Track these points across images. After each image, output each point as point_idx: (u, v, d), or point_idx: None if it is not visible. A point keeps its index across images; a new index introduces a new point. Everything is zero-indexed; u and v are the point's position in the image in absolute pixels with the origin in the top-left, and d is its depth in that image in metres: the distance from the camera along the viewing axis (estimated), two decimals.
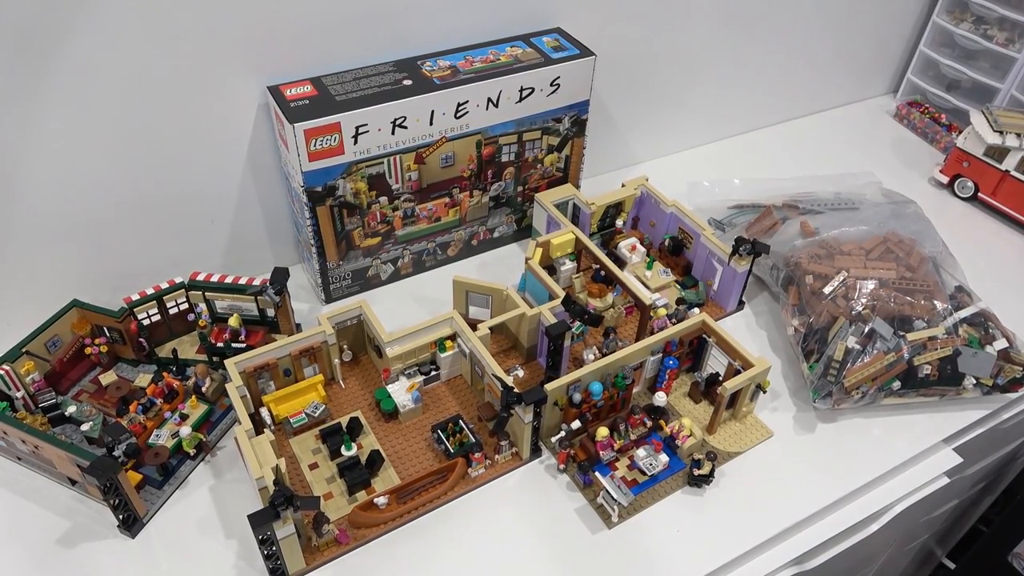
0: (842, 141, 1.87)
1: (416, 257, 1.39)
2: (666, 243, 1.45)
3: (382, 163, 1.22)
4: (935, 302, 1.19)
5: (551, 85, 1.30)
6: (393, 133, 1.20)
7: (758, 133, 1.87)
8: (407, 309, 1.35)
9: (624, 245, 1.43)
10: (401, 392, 1.15)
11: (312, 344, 1.14)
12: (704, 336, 1.20)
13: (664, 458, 1.09)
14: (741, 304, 1.38)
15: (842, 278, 1.22)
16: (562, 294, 1.21)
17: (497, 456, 1.10)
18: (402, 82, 1.21)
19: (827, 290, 1.22)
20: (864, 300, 1.19)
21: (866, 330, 1.16)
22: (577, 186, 1.50)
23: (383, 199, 1.27)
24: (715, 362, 1.20)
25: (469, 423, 1.14)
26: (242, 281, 1.21)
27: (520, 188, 1.42)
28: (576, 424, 1.10)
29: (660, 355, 1.18)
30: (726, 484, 1.11)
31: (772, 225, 1.38)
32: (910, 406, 1.22)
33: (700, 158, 1.77)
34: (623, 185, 1.45)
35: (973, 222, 1.64)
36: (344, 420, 1.13)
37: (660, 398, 1.14)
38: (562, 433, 1.09)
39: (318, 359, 1.16)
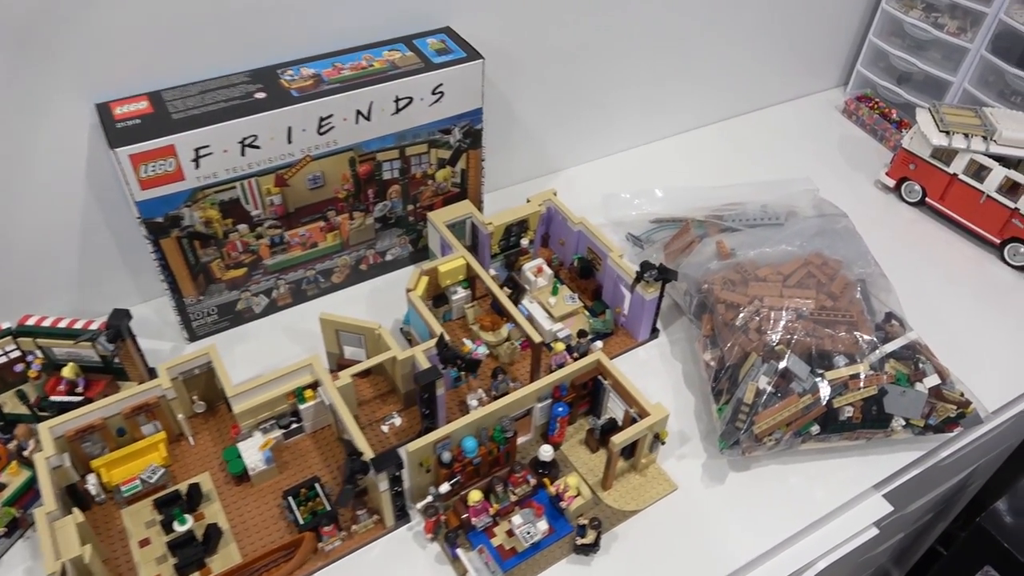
0: (786, 140, 1.72)
1: (294, 287, 1.25)
2: (575, 264, 1.31)
3: (235, 188, 1.08)
4: (859, 334, 1.06)
5: (433, 93, 1.15)
6: (243, 154, 1.05)
7: (693, 134, 1.73)
8: (282, 346, 1.21)
9: (529, 268, 1.29)
10: (253, 450, 1.01)
11: (146, 400, 1.00)
12: (600, 378, 1.06)
13: (543, 526, 0.95)
14: (655, 332, 1.24)
15: (755, 308, 1.08)
16: (440, 330, 1.08)
17: (355, 527, 0.96)
18: (254, 95, 1.06)
19: (738, 322, 1.08)
20: (779, 334, 1.05)
21: (780, 368, 1.03)
22: (479, 202, 1.36)
23: (242, 227, 1.12)
24: (615, 406, 1.06)
25: (327, 486, 1.00)
26: (79, 325, 1.07)
27: (411, 207, 1.28)
28: (445, 487, 0.96)
29: (548, 402, 1.04)
30: (621, 549, 0.98)
31: (690, 244, 1.24)
32: (834, 451, 1.09)
33: (628, 164, 1.62)
34: (528, 200, 1.31)
35: (920, 229, 1.50)
36: (185, 486, 0.99)
37: (546, 451, 1.01)
38: (428, 498, 0.96)
39: (158, 416, 1.02)
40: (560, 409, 1.03)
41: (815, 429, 1.03)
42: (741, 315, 1.09)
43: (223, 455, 1.03)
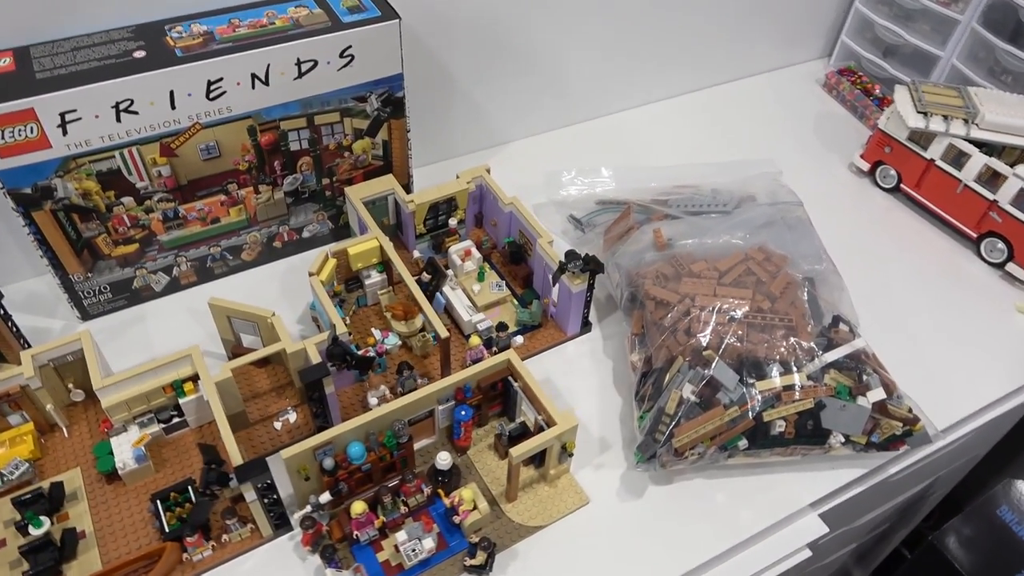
0: (759, 116, 1.60)
1: (198, 264, 1.15)
2: (506, 248, 1.21)
3: (114, 157, 0.97)
4: (797, 340, 0.95)
5: (341, 56, 1.04)
6: (119, 120, 0.94)
7: (658, 107, 1.60)
8: (184, 329, 1.12)
9: (456, 250, 1.18)
10: (126, 447, 0.93)
11: (6, 390, 0.91)
12: (510, 380, 0.97)
13: (429, 543, 0.87)
14: (587, 326, 1.14)
15: (685, 308, 0.98)
16: (338, 322, 0.98)
17: (226, 536, 0.88)
18: (132, 54, 0.95)
19: (667, 321, 0.98)
20: (708, 337, 0.95)
21: (707, 375, 0.93)
22: (406, 177, 1.25)
23: (127, 200, 1.02)
24: (528, 410, 0.97)
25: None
26: None
27: (328, 180, 1.17)
28: (325, 497, 0.87)
29: (451, 403, 0.95)
30: (520, 569, 0.89)
31: (629, 230, 1.14)
32: (765, 466, 0.99)
33: (581, 139, 1.50)
34: (457, 177, 1.20)
35: (893, 218, 1.39)
36: (48, 485, 0.91)
37: (443, 459, 0.92)
38: (307, 508, 0.87)
39: (23, 405, 0.94)
40: (463, 413, 0.94)
41: (743, 443, 0.94)
42: (670, 314, 0.99)
43: (93, 451, 0.94)
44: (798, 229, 1.10)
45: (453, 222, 1.21)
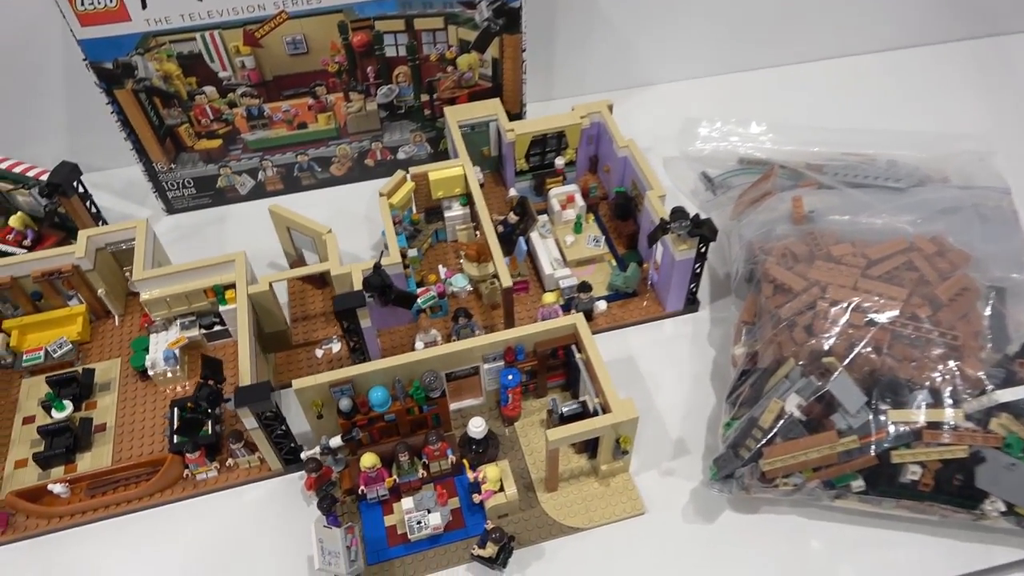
0: (971, 83, 1.27)
1: (285, 172, 1.08)
2: (614, 200, 1.03)
3: (194, 39, 0.91)
4: (960, 366, 0.71)
5: None
6: None
7: (844, 62, 1.32)
8: (262, 235, 1.03)
9: (557, 194, 1.03)
10: (162, 346, 0.88)
11: (58, 267, 0.89)
12: (574, 349, 0.80)
13: (436, 520, 0.74)
14: (694, 303, 0.95)
15: (811, 298, 0.76)
16: (394, 249, 0.86)
17: (232, 460, 0.80)
18: None
19: (785, 312, 0.77)
20: (833, 340, 0.73)
21: (821, 388, 0.72)
22: (518, 106, 1.10)
23: (209, 89, 0.96)
24: (591, 392, 0.81)
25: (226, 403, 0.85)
26: (31, 173, 0.97)
27: (427, 97, 1.05)
28: (336, 441, 0.77)
29: (499, 364, 0.81)
30: (541, 573, 0.75)
31: (764, 195, 0.92)
32: (888, 520, 0.76)
33: (732, 89, 1.26)
34: (572, 109, 1.03)
35: None
36: (81, 370, 0.88)
37: (476, 426, 0.78)
38: (316, 449, 0.77)
39: (76, 286, 0.91)
40: (510, 378, 0.79)
41: (858, 484, 0.72)
42: (790, 304, 0.77)
43: (131, 344, 0.90)
44: (996, 223, 0.83)
45: (560, 162, 1.05)
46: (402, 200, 0.94)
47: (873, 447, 0.69)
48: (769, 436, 0.72)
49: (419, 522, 0.73)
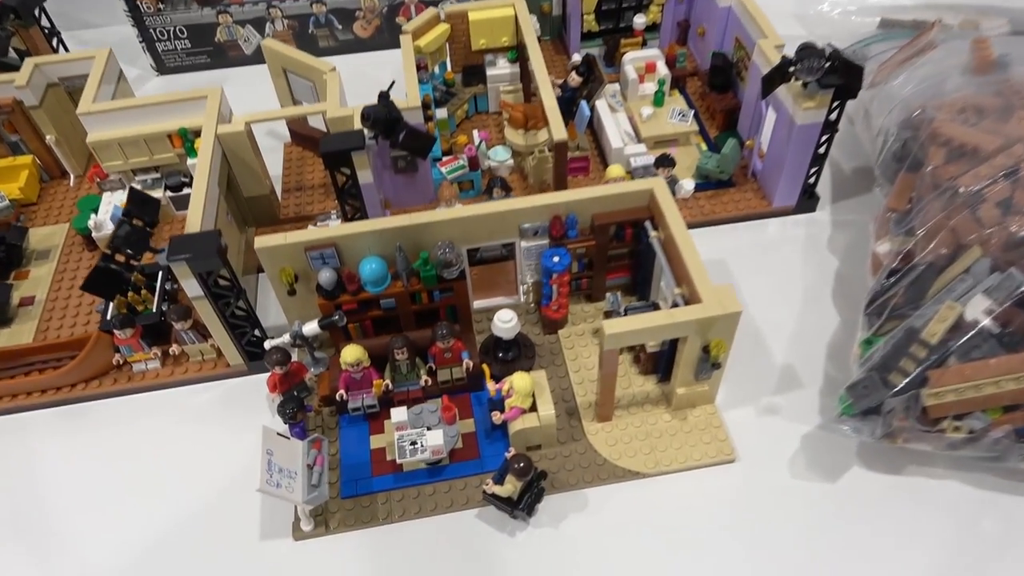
0: None
1: (298, 27, 0.88)
2: (709, 66, 0.79)
3: None
4: None
5: None
6: None
7: None
8: (267, 104, 0.85)
9: (633, 60, 0.79)
10: (113, 207, 0.69)
11: None
12: (647, 227, 0.57)
13: (436, 439, 0.52)
14: (811, 197, 0.71)
15: (1010, 161, 0.51)
16: (413, 90, 0.65)
17: (174, 348, 0.60)
18: None
19: (963, 186, 0.52)
20: None
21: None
22: None
23: None
24: (670, 280, 0.58)
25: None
26: None
27: None
28: (311, 327, 0.56)
29: (542, 242, 0.58)
30: (581, 529, 0.52)
31: (919, 52, 0.67)
32: None
33: None
34: None
35: None
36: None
37: (506, 321, 0.56)
38: (284, 337, 0.57)
39: (19, 129, 0.73)
40: (556, 260, 0.57)
41: None
42: (974, 171, 0.52)
43: (77, 204, 0.71)
44: None
45: (640, 21, 0.82)
46: (432, 46, 0.73)
47: None
48: (939, 356, 0.47)
49: (414, 443, 0.52)
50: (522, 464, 0.48)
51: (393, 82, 0.63)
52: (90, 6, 0.96)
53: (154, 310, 0.61)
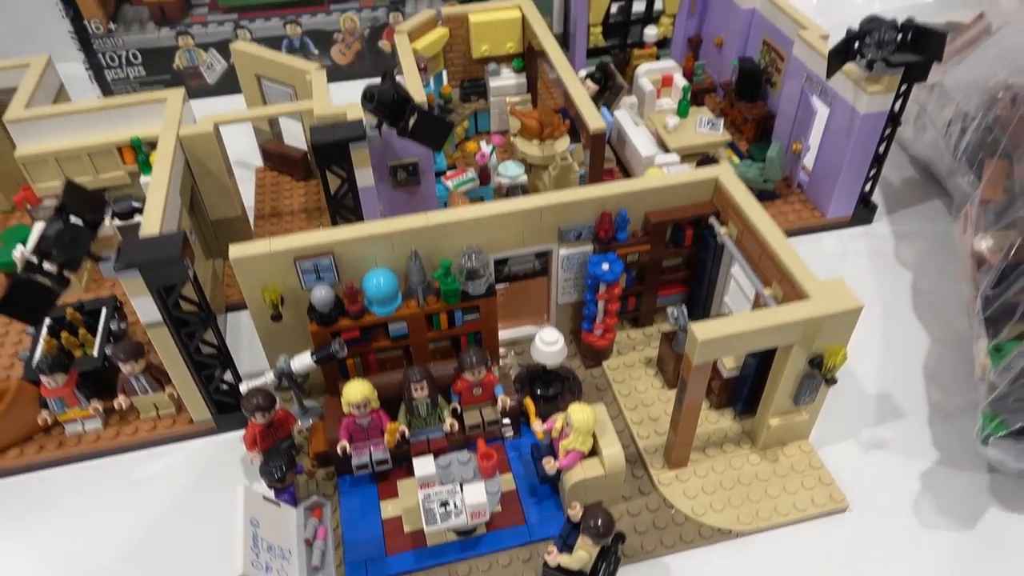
0: None
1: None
2: (733, 76, 0.72)
3: None
4: None
5: None
6: None
7: None
8: (238, 143, 0.74)
9: (648, 72, 0.71)
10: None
11: None
12: (713, 223, 0.47)
13: (475, 497, 0.39)
14: (867, 206, 0.62)
15: None
16: (416, 88, 0.55)
17: (120, 400, 0.46)
18: None
19: None
20: None
21: None
22: None
23: None
24: (740, 285, 0.47)
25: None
26: None
27: None
28: (303, 361, 0.43)
29: (586, 248, 0.48)
30: None
31: (973, 40, 0.60)
32: None
33: None
34: None
35: None
36: None
37: (547, 341, 0.45)
38: (267, 376, 0.44)
39: None
40: (605, 266, 0.46)
41: None
42: None
43: (1, 236, 0.58)
44: None
45: (651, 33, 0.75)
46: (428, 52, 0.64)
47: None
48: None
49: (445, 503, 0.39)
50: (600, 521, 0.36)
51: (397, 64, 0.54)
52: (26, 31, 0.85)
53: (95, 354, 0.48)
